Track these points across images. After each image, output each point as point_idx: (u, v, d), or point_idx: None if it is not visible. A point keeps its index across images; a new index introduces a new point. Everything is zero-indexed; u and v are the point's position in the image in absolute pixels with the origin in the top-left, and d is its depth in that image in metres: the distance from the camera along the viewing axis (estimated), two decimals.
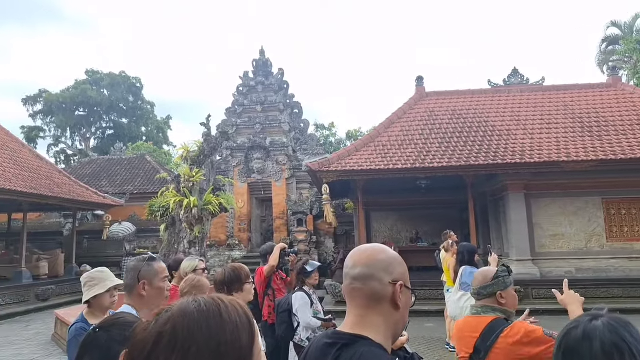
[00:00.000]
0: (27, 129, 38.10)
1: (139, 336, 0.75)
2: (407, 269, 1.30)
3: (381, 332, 1.20)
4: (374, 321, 1.21)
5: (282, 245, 5.14)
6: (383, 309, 1.22)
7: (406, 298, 1.25)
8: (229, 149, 18.40)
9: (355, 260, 1.27)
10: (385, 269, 1.23)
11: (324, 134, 31.75)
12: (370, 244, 1.37)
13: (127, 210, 18.91)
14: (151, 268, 2.26)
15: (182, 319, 0.74)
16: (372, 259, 1.25)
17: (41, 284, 14.25)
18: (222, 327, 0.75)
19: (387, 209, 15.61)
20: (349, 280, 1.26)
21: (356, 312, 1.24)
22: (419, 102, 14.44)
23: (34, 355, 8.04)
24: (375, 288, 1.21)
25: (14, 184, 13.00)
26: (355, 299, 1.24)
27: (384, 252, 1.28)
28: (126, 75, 40.67)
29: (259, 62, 19.49)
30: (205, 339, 0.73)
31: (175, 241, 11.37)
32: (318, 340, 1.29)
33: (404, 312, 1.25)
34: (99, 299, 2.68)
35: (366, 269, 1.23)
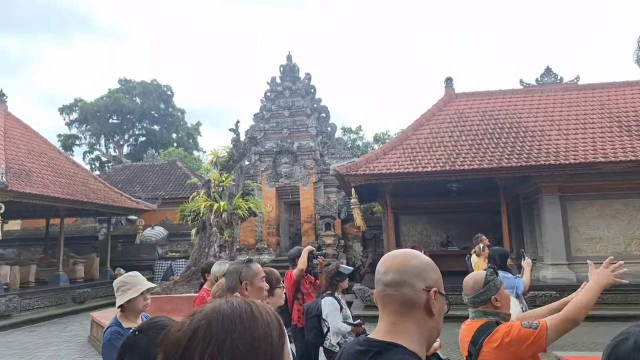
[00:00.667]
0: (63, 137, 39.59)
1: (174, 335, 0.77)
2: (440, 274, 1.27)
3: (415, 339, 1.18)
4: (408, 328, 1.18)
5: (309, 248, 5.12)
6: (417, 316, 1.19)
7: (440, 305, 1.22)
8: (257, 154, 18.59)
9: (386, 266, 1.25)
10: (419, 275, 1.21)
11: (351, 138, 31.70)
12: (402, 250, 1.34)
13: (159, 214, 19.34)
14: (250, 269, 2.36)
15: (216, 314, 0.77)
16: (404, 265, 1.23)
17: (77, 287, 14.73)
18: (254, 322, 0.78)
19: (416, 213, 15.40)
20: (381, 286, 1.24)
21: (389, 318, 1.21)
22: (448, 103, 14.21)
23: (71, 356, 8.28)
24: (408, 294, 1.19)
25: (52, 190, 13.49)
26: (387, 306, 1.22)
27: (416, 258, 1.25)
28: (157, 83, 41.77)
29: (286, 68, 19.65)
30: (239, 333, 0.76)
31: (206, 245, 11.53)
32: (349, 347, 1.27)
33: (438, 319, 1.22)
34: (133, 302, 2.73)
35: (398, 275, 1.21)
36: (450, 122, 13.32)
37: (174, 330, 0.79)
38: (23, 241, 20.04)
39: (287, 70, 19.60)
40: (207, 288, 4.64)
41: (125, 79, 41.75)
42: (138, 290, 2.74)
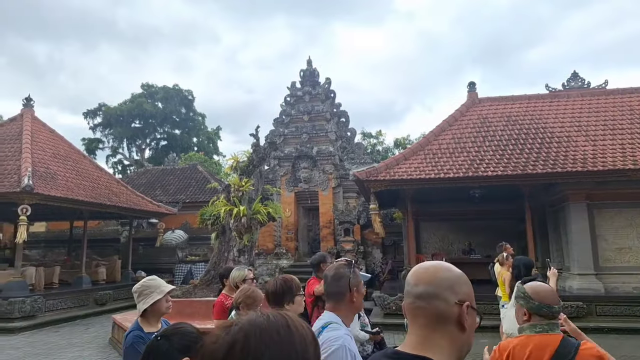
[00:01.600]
0: (87, 141, 40.49)
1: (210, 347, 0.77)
2: (472, 288, 1.24)
3: (445, 354, 1.15)
4: (439, 342, 1.16)
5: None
6: (448, 330, 1.16)
7: (472, 319, 1.19)
8: (276, 159, 18.63)
9: (417, 278, 1.23)
10: (451, 288, 1.18)
11: (371, 143, 31.56)
12: (433, 262, 1.30)
13: (179, 218, 19.53)
14: (357, 276, 2.30)
15: (254, 328, 0.77)
16: (436, 277, 1.20)
17: (99, 289, 14.94)
18: (292, 337, 0.78)
19: (437, 219, 15.17)
20: (411, 298, 1.22)
21: (419, 332, 1.19)
22: (471, 108, 13.98)
23: (93, 357, 8.37)
24: (439, 308, 1.16)
25: (76, 193, 13.74)
26: (417, 318, 1.20)
27: (449, 271, 1.23)
28: (179, 88, 42.42)
29: (306, 72, 19.70)
30: (277, 348, 0.76)
31: (225, 249, 11.56)
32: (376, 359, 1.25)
33: (470, 334, 1.19)
34: (156, 305, 2.73)
35: (430, 288, 1.19)
36: (473, 127, 13.09)
37: (209, 342, 0.79)
38: (48, 243, 20.50)
39: (307, 75, 19.64)
40: (225, 293, 4.62)
41: (148, 84, 42.53)
42: (162, 292, 2.75)
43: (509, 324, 5.92)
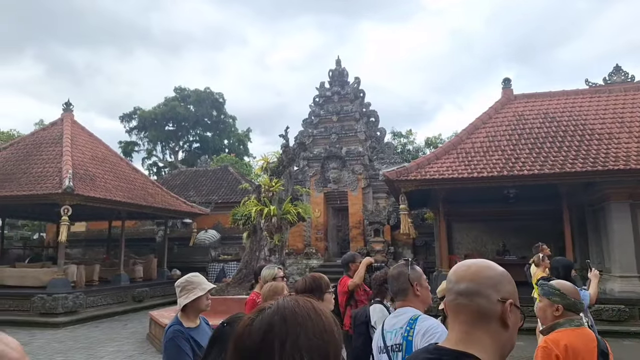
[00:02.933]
0: (123, 144, 41.82)
1: (246, 329, 0.83)
2: (515, 286, 1.23)
3: (488, 351, 1.14)
4: (481, 339, 1.15)
5: (368, 261, 5.02)
6: (490, 328, 1.16)
7: (515, 317, 1.18)
8: (305, 159, 18.71)
9: (459, 276, 1.23)
10: (494, 286, 1.18)
11: (401, 142, 31.22)
12: (476, 259, 1.31)
13: (212, 218, 19.90)
14: (416, 271, 2.43)
15: (287, 310, 0.84)
16: (479, 275, 1.20)
17: (137, 286, 15.42)
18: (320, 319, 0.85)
19: (470, 220, 14.86)
20: (453, 295, 1.22)
21: (461, 328, 1.19)
22: (506, 105, 13.62)
23: (131, 352, 8.65)
24: (482, 305, 1.16)
25: (114, 194, 14.23)
26: (459, 315, 1.20)
27: (491, 269, 1.23)
28: (210, 91, 43.24)
29: (334, 72, 19.70)
30: (311, 325, 0.82)
31: (257, 248, 11.69)
32: (417, 355, 1.27)
33: (513, 332, 1.18)
34: (197, 301, 2.78)
35: (472, 285, 1.19)
36: (508, 125, 12.76)
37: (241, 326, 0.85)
38: (88, 242, 21.30)
39: (335, 75, 19.64)
40: (257, 291, 4.70)
41: (180, 88, 43.56)
42: (204, 289, 2.81)
43: None
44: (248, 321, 0.85)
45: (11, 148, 15.25)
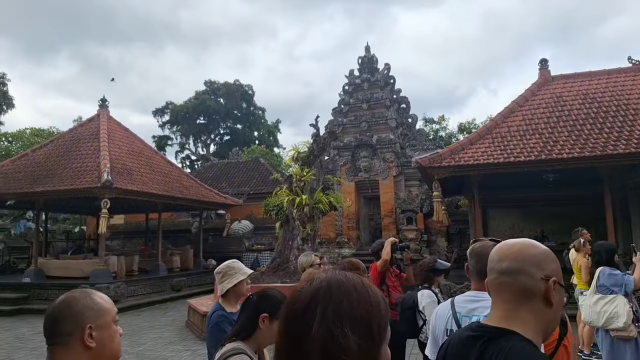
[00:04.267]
0: (157, 138, 42.84)
1: (296, 294, 0.88)
2: (559, 265, 1.23)
3: (531, 328, 1.15)
4: (524, 317, 1.16)
5: (392, 240, 5.07)
6: (534, 306, 1.17)
7: (559, 296, 1.19)
8: (335, 149, 18.64)
9: (501, 255, 1.23)
10: (537, 264, 1.18)
11: (433, 129, 30.61)
12: (518, 239, 1.29)
13: (245, 209, 20.19)
14: None
15: (335, 281, 0.87)
16: (522, 254, 1.20)
17: (175, 276, 15.87)
18: (367, 292, 0.86)
19: (506, 206, 14.47)
20: (495, 274, 1.22)
21: (503, 306, 1.20)
22: (543, 87, 13.09)
23: (172, 338, 8.93)
24: (525, 283, 1.17)
25: (151, 187, 14.61)
26: (502, 294, 1.21)
27: (535, 247, 1.22)
28: (239, 84, 43.63)
29: (364, 59, 19.44)
30: (355, 297, 0.84)
31: (290, 238, 11.78)
32: (460, 333, 1.29)
33: (557, 310, 1.19)
34: (238, 286, 2.87)
35: (515, 263, 1.19)
36: (545, 107, 12.27)
37: (294, 291, 0.90)
38: (126, 234, 22.02)
39: (365, 62, 19.38)
40: None
41: (210, 81, 44.15)
42: (245, 274, 2.91)
43: (588, 312, 5.59)
44: (300, 288, 0.90)
45: (51, 145, 15.86)
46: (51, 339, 1.38)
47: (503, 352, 1.09)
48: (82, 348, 1.35)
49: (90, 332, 1.36)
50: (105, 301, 1.47)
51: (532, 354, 1.09)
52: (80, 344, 1.35)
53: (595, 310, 5.37)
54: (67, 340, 1.35)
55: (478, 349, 1.16)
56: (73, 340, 1.35)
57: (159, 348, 8.26)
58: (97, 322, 1.39)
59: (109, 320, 1.44)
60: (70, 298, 1.41)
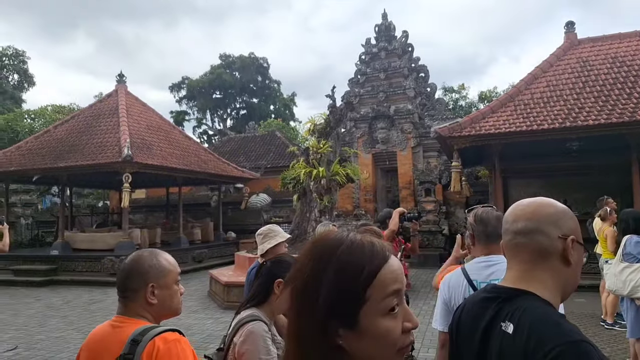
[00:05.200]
0: (174, 114, 43.05)
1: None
2: (578, 223, 1.19)
3: (548, 288, 1.12)
4: (540, 276, 1.13)
5: (400, 210, 5.11)
6: (551, 265, 1.13)
7: (578, 254, 1.15)
8: (352, 120, 18.42)
9: (516, 214, 1.19)
10: (554, 222, 1.14)
11: (452, 98, 29.87)
12: (533, 198, 1.23)
13: (262, 182, 20.31)
14: None
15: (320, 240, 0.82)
16: (537, 213, 1.16)
17: (196, 248, 16.21)
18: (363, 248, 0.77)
19: (528, 176, 14.16)
20: (510, 235, 1.19)
21: (519, 267, 1.16)
22: (569, 51, 12.56)
23: (195, 307, 9.18)
24: (542, 243, 1.13)
25: (170, 161, 14.76)
26: (518, 254, 1.17)
27: (551, 205, 1.18)
28: (254, 57, 43.21)
29: (381, 27, 18.90)
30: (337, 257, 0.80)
31: (307, 210, 11.84)
32: (474, 295, 1.27)
33: (576, 269, 1.15)
34: (276, 247, 3.11)
35: (531, 223, 1.15)
36: (571, 73, 11.81)
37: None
38: (148, 208, 22.46)
39: (382, 29, 18.85)
40: None
41: (225, 55, 43.83)
42: (284, 237, 3.18)
43: (613, 281, 5.51)
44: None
45: (72, 121, 16.08)
46: (122, 293, 1.60)
47: (518, 312, 1.07)
48: (146, 303, 1.57)
49: (152, 290, 1.56)
50: (169, 263, 1.65)
51: (548, 313, 1.05)
52: (144, 298, 1.56)
53: (621, 278, 5.28)
54: (134, 295, 1.57)
55: (493, 310, 1.14)
56: (139, 295, 1.57)
57: (183, 316, 8.49)
58: (159, 281, 1.58)
59: (169, 281, 1.61)
60: (138, 257, 1.61)
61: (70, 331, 7.50)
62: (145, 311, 1.57)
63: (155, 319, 1.59)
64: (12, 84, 37.53)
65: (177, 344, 1.46)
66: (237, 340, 1.86)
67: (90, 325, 7.29)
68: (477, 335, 1.16)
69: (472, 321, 1.20)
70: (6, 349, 6.47)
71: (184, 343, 1.50)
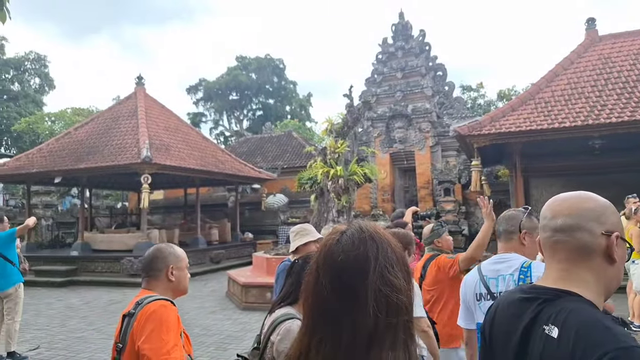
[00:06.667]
0: (192, 115, 43.47)
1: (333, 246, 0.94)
2: (620, 217, 1.15)
3: (591, 288, 1.06)
4: (583, 276, 1.07)
5: (413, 209, 5.15)
6: (594, 264, 1.07)
7: (622, 251, 1.09)
8: (369, 120, 18.31)
9: (555, 211, 1.13)
10: (597, 218, 1.07)
11: (471, 96, 29.46)
12: (572, 192, 1.17)
13: (279, 183, 20.33)
14: (531, 220, 2.28)
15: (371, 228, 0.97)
16: (577, 208, 1.10)
17: (213, 249, 16.29)
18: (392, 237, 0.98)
19: (550, 175, 13.84)
20: (549, 232, 1.12)
21: (559, 266, 1.10)
22: (590, 48, 12.27)
23: (213, 308, 9.21)
24: (584, 240, 1.06)
25: (188, 162, 14.86)
26: (557, 253, 1.11)
27: (592, 200, 1.12)
28: (270, 58, 43.37)
29: (397, 26, 18.76)
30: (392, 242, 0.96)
31: (325, 210, 11.77)
32: (508, 295, 1.21)
33: (620, 266, 1.09)
34: (308, 245, 3.20)
35: (571, 220, 1.08)
36: (592, 70, 11.53)
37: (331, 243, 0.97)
38: (166, 209, 22.70)
39: (399, 29, 18.70)
40: None
41: (242, 56, 44.07)
42: (315, 236, 3.28)
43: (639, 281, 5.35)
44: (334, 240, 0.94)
45: (92, 123, 16.31)
46: (148, 272, 2.15)
47: (562, 314, 1.00)
48: (167, 281, 2.13)
49: (172, 271, 2.13)
50: (182, 252, 2.24)
51: (595, 316, 0.98)
52: (165, 277, 2.13)
53: None
54: (158, 274, 2.13)
55: (532, 311, 1.07)
56: (161, 275, 2.12)
57: (202, 317, 8.53)
58: (176, 264, 2.15)
59: (183, 265, 2.20)
60: (160, 247, 2.22)
61: (90, 331, 7.58)
62: (165, 287, 2.12)
63: (173, 294, 2.14)
64: (33, 87, 38.41)
65: (163, 309, 1.98)
66: (274, 339, 1.85)
67: (110, 326, 7.36)
68: (515, 337, 1.10)
69: (509, 322, 1.14)
70: (28, 348, 6.57)
71: (170, 309, 2.01)
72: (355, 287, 0.88)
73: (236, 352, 2.15)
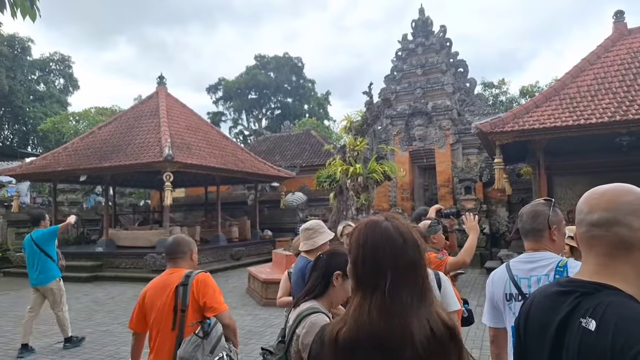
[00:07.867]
0: (211, 114, 43.94)
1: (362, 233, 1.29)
2: None
3: (631, 282, 1.03)
4: (622, 270, 1.04)
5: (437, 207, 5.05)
6: (633, 258, 1.04)
7: None
8: (388, 118, 18.19)
9: (591, 205, 1.11)
10: (635, 212, 1.04)
11: (492, 93, 29.00)
12: (609, 185, 1.13)
13: (298, 181, 20.39)
14: (556, 213, 2.22)
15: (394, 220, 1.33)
16: (615, 202, 1.07)
17: (234, 246, 16.45)
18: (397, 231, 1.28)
19: (574, 173, 13.52)
20: (586, 227, 1.10)
21: (596, 260, 1.08)
22: (618, 42, 11.93)
23: (234, 304, 9.28)
24: (622, 235, 1.04)
25: (209, 160, 15.04)
26: (594, 247, 1.09)
27: (631, 193, 1.08)
28: (289, 57, 43.51)
29: (417, 23, 18.57)
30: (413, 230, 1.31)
31: (344, 208, 11.75)
32: (544, 289, 1.19)
33: None
34: (323, 245, 3.22)
35: (608, 214, 1.06)
36: (620, 64, 11.20)
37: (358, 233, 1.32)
38: (187, 206, 23.01)
39: (419, 25, 18.51)
40: None
41: (260, 55, 44.34)
42: (331, 235, 3.32)
43: None
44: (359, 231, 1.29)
45: (115, 122, 16.64)
46: (174, 254, 2.83)
47: (601, 308, 0.98)
48: (190, 260, 2.84)
49: (193, 254, 2.88)
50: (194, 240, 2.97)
51: (636, 310, 0.95)
52: (189, 257, 2.85)
53: None
54: (184, 256, 2.82)
55: (569, 304, 1.05)
56: (187, 256, 2.84)
57: None
58: (194, 249, 2.91)
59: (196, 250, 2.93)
60: (180, 235, 2.99)
61: (115, 325, 7.75)
62: (189, 265, 2.81)
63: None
64: (58, 88, 39.37)
65: (210, 278, 2.76)
66: (300, 332, 1.87)
67: None
68: (551, 329, 1.08)
69: (544, 315, 1.13)
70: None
71: (210, 277, 2.76)
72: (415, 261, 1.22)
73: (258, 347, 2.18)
